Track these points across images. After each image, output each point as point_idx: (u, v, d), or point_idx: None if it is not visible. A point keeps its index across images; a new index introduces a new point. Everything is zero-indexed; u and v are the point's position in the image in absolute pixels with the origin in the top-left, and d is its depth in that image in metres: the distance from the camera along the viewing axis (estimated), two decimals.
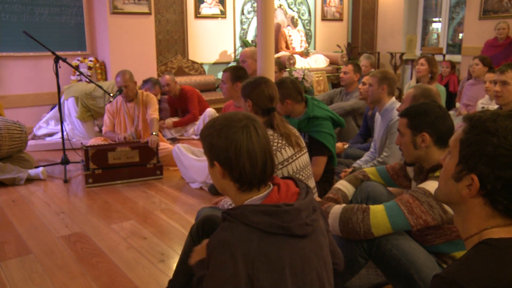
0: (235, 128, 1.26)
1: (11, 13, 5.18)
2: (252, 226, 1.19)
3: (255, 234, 1.18)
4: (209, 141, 1.28)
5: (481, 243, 0.99)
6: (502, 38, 5.79)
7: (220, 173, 1.28)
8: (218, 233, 1.22)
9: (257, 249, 1.17)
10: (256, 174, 1.27)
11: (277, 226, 1.20)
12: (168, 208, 3.24)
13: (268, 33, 3.13)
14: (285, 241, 1.21)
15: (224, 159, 1.26)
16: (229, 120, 1.28)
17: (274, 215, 1.20)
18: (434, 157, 1.81)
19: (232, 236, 1.18)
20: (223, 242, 1.18)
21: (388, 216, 1.69)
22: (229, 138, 1.25)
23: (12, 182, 3.74)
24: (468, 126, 1.03)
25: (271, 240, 1.19)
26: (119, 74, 4.06)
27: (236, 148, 1.24)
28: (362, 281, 2.06)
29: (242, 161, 1.25)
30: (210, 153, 1.29)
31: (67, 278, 2.27)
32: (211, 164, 1.31)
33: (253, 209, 1.21)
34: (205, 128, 1.32)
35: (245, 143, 1.25)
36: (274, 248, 1.19)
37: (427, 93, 2.50)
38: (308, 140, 2.79)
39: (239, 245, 1.16)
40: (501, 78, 2.84)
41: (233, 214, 1.22)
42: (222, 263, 1.15)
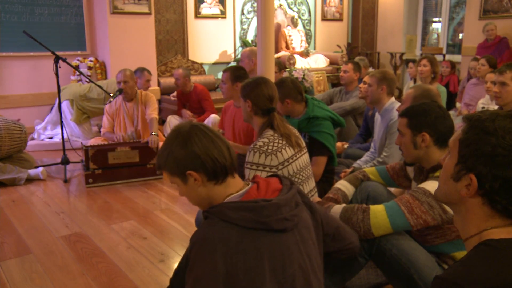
0: (184, 135, 1.34)
1: (11, 13, 5.18)
2: (230, 222, 1.23)
3: (233, 230, 1.23)
4: (174, 160, 1.33)
5: (481, 244, 0.99)
6: (491, 38, 5.88)
7: (199, 180, 1.33)
8: (199, 230, 1.28)
9: (235, 245, 1.21)
10: (226, 158, 1.34)
11: (255, 221, 1.24)
12: (168, 208, 3.24)
13: (268, 33, 3.12)
14: (263, 236, 1.25)
15: (196, 164, 1.32)
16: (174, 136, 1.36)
17: (252, 210, 1.25)
18: (434, 157, 1.81)
19: (211, 232, 1.23)
20: (202, 238, 1.23)
21: (388, 216, 1.69)
22: (187, 144, 1.32)
23: (12, 182, 3.74)
24: (467, 126, 1.04)
25: (250, 235, 1.23)
26: (120, 72, 4.07)
27: (198, 147, 1.32)
28: (362, 281, 2.06)
29: (210, 153, 1.32)
30: (180, 169, 1.33)
31: (67, 278, 2.27)
32: (184, 181, 1.35)
33: (231, 206, 1.26)
34: (161, 157, 1.37)
35: (200, 139, 1.33)
36: (252, 243, 1.23)
37: (428, 93, 2.49)
38: (308, 140, 2.79)
39: (218, 241, 1.21)
40: (500, 79, 2.84)
41: (212, 211, 1.27)
42: (201, 258, 1.20)
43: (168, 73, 6.38)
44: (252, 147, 2.13)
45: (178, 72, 5.15)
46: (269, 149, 2.12)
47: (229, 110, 3.36)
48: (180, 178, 1.35)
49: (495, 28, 5.88)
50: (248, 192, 1.35)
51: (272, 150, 2.12)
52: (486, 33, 5.90)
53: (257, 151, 2.11)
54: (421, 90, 2.54)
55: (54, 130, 5.10)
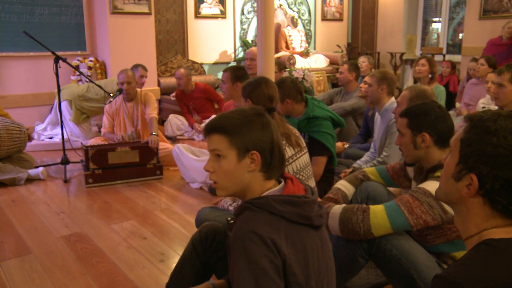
0: (266, 118, 1.31)
1: (11, 13, 5.18)
2: (277, 215, 1.21)
3: (281, 222, 1.21)
4: (248, 133, 1.26)
5: (481, 243, 0.99)
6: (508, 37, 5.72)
7: (256, 164, 1.27)
8: (243, 224, 1.20)
9: (285, 237, 1.19)
10: (282, 161, 1.33)
11: (300, 216, 1.24)
12: (168, 208, 3.24)
13: (268, 33, 3.12)
14: (305, 231, 1.25)
15: (266, 149, 1.27)
16: (254, 113, 1.31)
17: (297, 205, 1.24)
18: (434, 157, 1.81)
19: (260, 224, 1.18)
20: (252, 231, 1.16)
21: (388, 216, 1.69)
22: (268, 127, 1.29)
23: (12, 182, 3.74)
24: (469, 125, 1.04)
25: (295, 229, 1.22)
26: (121, 72, 4.06)
27: (273, 140, 1.29)
28: (362, 281, 2.06)
29: (281, 146, 1.32)
30: (247, 145, 1.26)
31: (67, 278, 2.27)
32: (239, 157, 1.26)
33: (278, 199, 1.24)
34: (230, 121, 1.28)
35: (276, 130, 1.32)
36: (298, 237, 1.22)
37: (423, 94, 2.48)
38: (308, 140, 2.79)
39: (269, 232, 1.17)
40: (497, 80, 2.84)
41: (258, 203, 1.23)
42: (257, 251, 1.14)
43: (168, 73, 6.38)
44: None
45: (180, 71, 5.16)
46: None
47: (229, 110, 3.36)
48: (238, 152, 1.26)
49: None
50: (287, 187, 1.31)
51: None
52: (505, 30, 5.73)
53: None
54: (416, 91, 2.52)
55: (54, 130, 5.10)
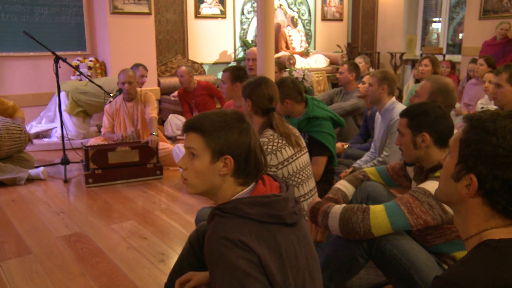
0: (247, 124, 1.32)
1: (11, 13, 5.18)
2: (247, 218, 1.21)
3: (251, 225, 1.20)
4: (224, 137, 1.26)
5: (481, 244, 0.99)
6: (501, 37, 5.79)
7: (228, 168, 1.27)
8: (213, 232, 1.21)
9: (256, 238, 1.18)
10: (259, 169, 1.32)
11: (270, 216, 1.23)
12: (168, 208, 3.24)
13: (268, 33, 3.12)
14: (278, 229, 1.24)
15: (241, 155, 1.27)
16: (236, 118, 1.32)
17: (266, 205, 1.24)
18: (434, 157, 1.81)
19: (231, 229, 1.18)
20: (222, 237, 1.17)
21: (388, 216, 1.69)
22: (247, 133, 1.30)
23: (12, 182, 3.74)
24: (468, 126, 1.04)
25: (267, 229, 1.22)
26: (122, 72, 4.06)
27: (250, 147, 1.29)
28: (362, 281, 2.06)
29: (258, 154, 1.31)
30: (222, 148, 1.26)
31: (67, 278, 2.27)
32: (212, 160, 1.27)
33: (246, 201, 1.24)
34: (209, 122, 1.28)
35: (253, 142, 1.31)
36: (271, 237, 1.21)
37: (445, 88, 2.37)
38: (308, 140, 2.79)
39: (240, 235, 1.17)
40: (495, 81, 2.84)
41: (226, 208, 1.23)
42: (233, 255, 1.14)
43: (168, 73, 6.38)
44: None
45: (182, 69, 5.16)
46: (268, 149, 2.12)
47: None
48: (212, 154, 1.26)
49: (509, 28, 5.77)
50: (257, 187, 1.32)
51: (271, 149, 2.12)
52: (498, 30, 5.79)
53: None
54: (439, 84, 2.39)
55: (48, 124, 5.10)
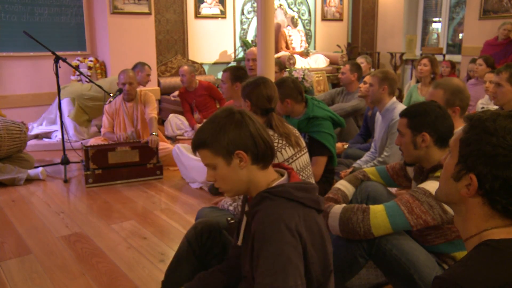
0: (238, 116, 1.34)
1: (11, 13, 5.18)
2: (296, 201, 1.29)
3: (298, 208, 1.28)
4: (225, 138, 1.31)
5: (481, 244, 0.99)
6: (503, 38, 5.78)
7: (245, 161, 1.32)
8: (266, 213, 1.26)
9: (303, 222, 1.26)
10: (270, 147, 1.37)
11: (313, 200, 1.33)
12: (168, 208, 3.24)
13: (268, 33, 3.12)
14: (315, 215, 1.33)
15: (249, 144, 1.32)
16: (226, 115, 1.35)
17: (309, 190, 1.34)
18: (434, 157, 1.81)
19: (282, 211, 1.25)
20: (276, 218, 1.23)
21: (388, 216, 1.69)
22: (242, 124, 1.32)
23: (11, 182, 3.74)
24: (468, 126, 1.04)
25: (310, 214, 1.31)
26: (122, 72, 4.06)
27: (252, 128, 1.33)
28: (362, 281, 2.06)
29: (262, 135, 1.35)
30: (229, 148, 1.31)
31: (67, 278, 2.27)
32: (227, 162, 1.32)
33: (294, 186, 1.32)
34: (208, 134, 1.33)
35: (253, 121, 1.35)
36: (313, 221, 1.30)
37: (458, 90, 2.31)
38: (308, 140, 2.79)
39: (290, 218, 1.24)
40: (495, 80, 2.85)
41: (276, 191, 1.30)
42: (283, 238, 1.20)
43: (168, 73, 6.38)
44: None
45: (184, 69, 5.16)
46: None
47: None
48: (224, 158, 1.32)
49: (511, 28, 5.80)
50: (293, 176, 1.39)
51: None
52: (501, 31, 5.78)
53: None
54: (452, 88, 2.32)
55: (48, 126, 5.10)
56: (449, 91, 2.31)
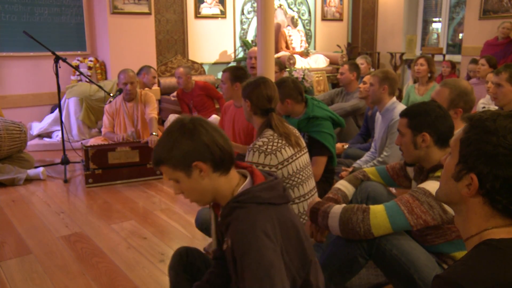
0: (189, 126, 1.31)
1: (11, 13, 5.18)
2: (265, 203, 1.30)
3: (269, 209, 1.29)
4: (180, 152, 1.29)
5: (482, 243, 0.99)
6: (503, 37, 5.79)
7: (205, 171, 1.31)
8: (240, 222, 1.26)
9: (277, 222, 1.28)
10: (227, 151, 1.34)
11: (281, 197, 1.35)
12: (168, 208, 3.24)
13: (268, 33, 3.12)
14: (286, 209, 1.36)
15: (205, 154, 1.30)
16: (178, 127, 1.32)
17: (274, 188, 1.34)
18: (434, 157, 1.81)
19: (255, 217, 1.26)
20: (251, 225, 1.24)
21: (388, 216, 1.69)
22: (194, 134, 1.30)
23: (11, 182, 3.74)
24: (468, 125, 1.04)
25: (281, 211, 1.33)
26: (122, 72, 4.06)
27: (206, 136, 1.30)
28: (362, 281, 2.06)
29: (217, 142, 1.32)
30: (186, 161, 1.30)
31: (67, 278, 2.27)
32: (187, 174, 1.31)
33: (259, 188, 1.32)
34: (163, 150, 1.31)
35: (206, 129, 1.32)
36: (285, 217, 1.32)
37: (464, 92, 2.30)
38: (308, 140, 2.78)
39: (264, 223, 1.25)
40: (495, 80, 2.84)
41: (244, 199, 1.30)
42: (262, 244, 1.21)
43: (168, 73, 6.38)
44: (251, 146, 2.14)
45: (179, 70, 5.16)
46: (268, 149, 2.12)
47: (229, 110, 3.36)
48: (184, 171, 1.31)
49: (511, 27, 5.74)
50: (257, 176, 1.39)
51: (271, 149, 2.12)
52: (500, 30, 5.78)
53: (256, 150, 2.11)
54: (458, 90, 2.31)
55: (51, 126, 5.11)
56: (456, 91, 2.31)
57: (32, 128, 5.08)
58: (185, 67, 5.29)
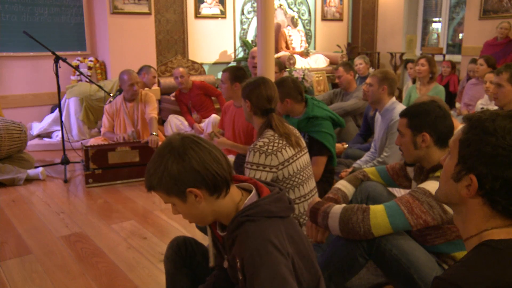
0: (179, 150, 1.22)
1: (11, 13, 5.18)
2: (273, 217, 1.27)
3: (277, 222, 1.27)
4: (170, 178, 1.21)
5: (481, 244, 0.99)
6: (502, 37, 5.80)
7: (201, 196, 1.24)
8: (251, 237, 1.22)
9: (286, 235, 1.26)
10: (221, 173, 1.25)
11: (288, 209, 1.33)
12: (168, 208, 3.24)
13: (268, 33, 3.12)
14: (292, 221, 1.35)
15: (197, 180, 1.22)
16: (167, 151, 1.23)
17: (281, 200, 1.32)
18: (434, 157, 1.81)
19: (265, 231, 1.23)
20: (262, 241, 1.20)
21: (388, 216, 1.69)
22: (184, 159, 1.21)
23: (11, 182, 3.74)
24: (468, 126, 1.03)
25: (288, 223, 1.31)
26: (126, 73, 4.04)
27: (196, 161, 1.22)
28: (362, 281, 2.06)
29: (209, 167, 1.23)
30: (178, 187, 1.22)
31: (67, 278, 2.27)
32: (182, 200, 1.25)
33: (267, 201, 1.29)
34: (153, 176, 1.24)
35: (197, 152, 1.23)
36: (293, 230, 1.31)
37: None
38: (308, 140, 2.78)
39: (275, 237, 1.22)
40: (496, 80, 2.86)
41: (254, 213, 1.26)
42: (275, 260, 1.18)
43: (168, 73, 6.38)
44: (252, 147, 2.14)
45: (179, 70, 5.16)
46: (269, 149, 2.12)
47: (229, 110, 3.36)
48: (178, 197, 1.24)
49: (509, 27, 5.75)
50: (262, 188, 1.35)
51: (272, 150, 2.12)
52: (498, 30, 5.81)
53: (257, 151, 2.11)
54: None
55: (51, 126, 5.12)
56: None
57: (32, 128, 5.08)
58: (183, 67, 5.30)
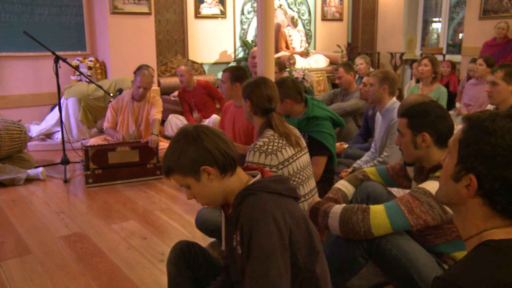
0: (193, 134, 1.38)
1: (11, 13, 5.18)
2: (275, 193, 1.37)
3: (279, 199, 1.36)
4: (187, 158, 1.37)
5: (481, 244, 0.98)
6: (500, 37, 5.81)
7: (213, 174, 1.38)
8: (252, 208, 1.32)
9: (287, 211, 1.33)
10: (230, 155, 1.41)
11: (290, 190, 1.42)
12: (168, 208, 3.24)
13: (268, 33, 3.12)
14: (295, 204, 1.43)
15: (209, 158, 1.37)
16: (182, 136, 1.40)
17: (283, 182, 1.42)
18: (434, 157, 1.81)
19: (266, 204, 1.32)
20: (262, 211, 1.30)
21: (388, 216, 1.69)
22: (198, 141, 1.37)
23: (11, 182, 3.74)
24: (467, 126, 1.03)
25: (289, 202, 1.39)
26: (140, 75, 4.03)
27: (208, 142, 1.37)
28: (362, 281, 2.06)
29: (219, 147, 1.39)
30: (194, 166, 1.37)
31: (67, 278, 2.27)
32: (197, 179, 1.39)
33: (270, 180, 1.41)
34: (171, 159, 1.39)
35: (208, 135, 1.39)
36: (293, 208, 1.38)
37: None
38: (308, 140, 2.78)
39: (275, 210, 1.30)
40: (491, 79, 2.89)
41: (256, 187, 1.38)
42: (268, 230, 1.27)
43: (168, 73, 6.38)
44: (252, 146, 2.14)
45: (181, 68, 5.17)
46: (269, 149, 2.12)
47: (229, 110, 3.36)
48: (193, 176, 1.39)
49: (506, 27, 5.77)
50: (265, 172, 1.48)
51: (272, 149, 2.12)
52: (496, 30, 5.82)
53: (257, 150, 2.11)
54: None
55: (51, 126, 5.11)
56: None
57: (31, 131, 5.06)
58: (186, 65, 5.32)
